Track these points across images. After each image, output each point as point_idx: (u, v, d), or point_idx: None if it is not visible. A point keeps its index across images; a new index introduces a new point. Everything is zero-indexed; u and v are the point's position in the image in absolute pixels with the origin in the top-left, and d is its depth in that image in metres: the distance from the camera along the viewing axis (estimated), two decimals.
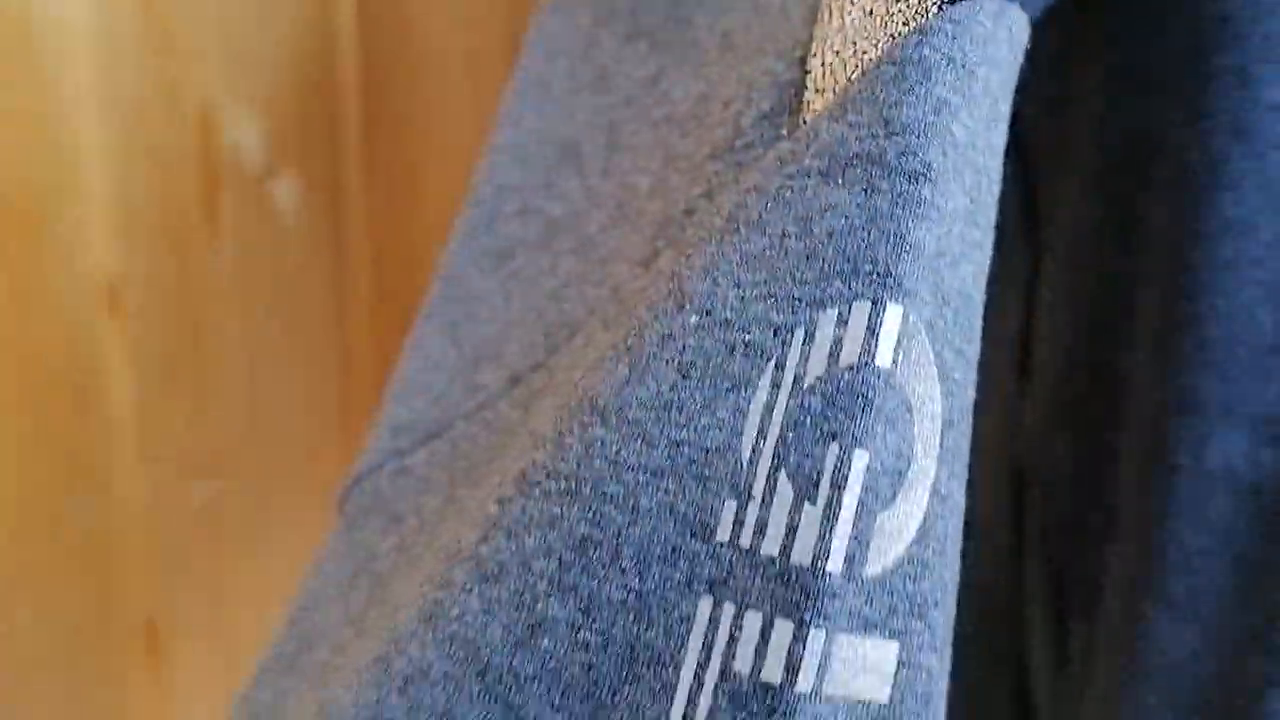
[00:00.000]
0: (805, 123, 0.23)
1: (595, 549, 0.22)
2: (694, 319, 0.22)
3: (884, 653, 0.22)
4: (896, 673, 0.22)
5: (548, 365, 0.29)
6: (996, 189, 0.24)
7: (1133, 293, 0.37)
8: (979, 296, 0.23)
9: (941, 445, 0.22)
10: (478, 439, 0.30)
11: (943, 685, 0.22)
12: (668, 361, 0.22)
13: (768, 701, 0.21)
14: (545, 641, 0.22)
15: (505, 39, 0.55)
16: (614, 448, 0.22)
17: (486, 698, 0.22)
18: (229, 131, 0.48)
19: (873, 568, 0.21)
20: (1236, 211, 0.32)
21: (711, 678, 0.21)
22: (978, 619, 0.43)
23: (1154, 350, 0.36)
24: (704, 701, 0.21)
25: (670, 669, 0.21)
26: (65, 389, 0.47)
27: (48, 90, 0.44)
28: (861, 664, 0.21)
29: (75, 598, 0.49)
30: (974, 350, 0.23)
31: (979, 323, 0.23)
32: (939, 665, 0.22)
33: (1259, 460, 0.33)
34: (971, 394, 0.23)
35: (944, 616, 0.22)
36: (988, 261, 0.24)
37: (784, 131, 0.23)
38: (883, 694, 0.22)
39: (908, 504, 0.22)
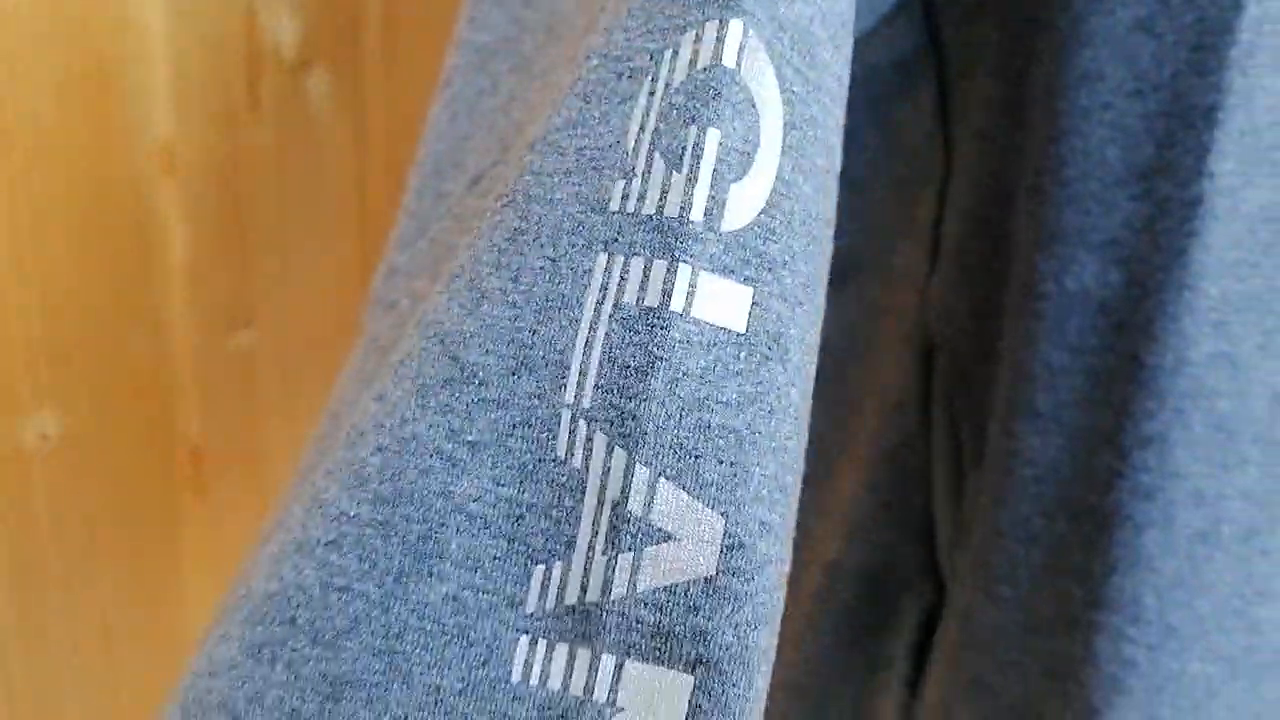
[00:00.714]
0: None
1: (523, 235, 0.28)
2: (594, 61, 0.28)
3: (739, 294, 0.27)
4: (750, 311, 0.27)
5: (504, 159, 0.34)
6: None
7: (1020, 158, 0.42)
8: (820, 34, 0.28)
9: (784, 141, 0.27)
10: (449, 229, 0.36)
11: (794, 332, 0.28)
12: (576, 94, 0.28)
13: (648, 320, 0.26)
14: (484, 306, 0.28)
15: None
16: (538, 162, 0.28)
17: (441, 355, 0.28)
18: (269, 26, 0.54)
19: (728, 224, 0.26)
20: (1091, 64, 0.37)
21: (606, 310, 0.27)
22: (892, 483, 0.48)
23: (1028, 198, 0.40)
24: (600, 329, 0.27)
25: (576, 308, 0.27)
26: (129, 236, 0.53)
27: None
28: (722, 298, 0.26)
29: (132, 423, 0.55)
30: (815, 76, 0.28)
31: (822, 55, 0.28)
32: (788, 313, 0.27)
33: (1108, 280, 0.37)
34: (817, 111, 0.28)
35: (793, 279, 0.27)
36: (830, 11, 0.29)
37: None
38: (739, 324, 0.27)
39: (756, 180, 0.27)
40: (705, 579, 0.26)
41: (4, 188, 0.49)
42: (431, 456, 0.28)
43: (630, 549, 0.26)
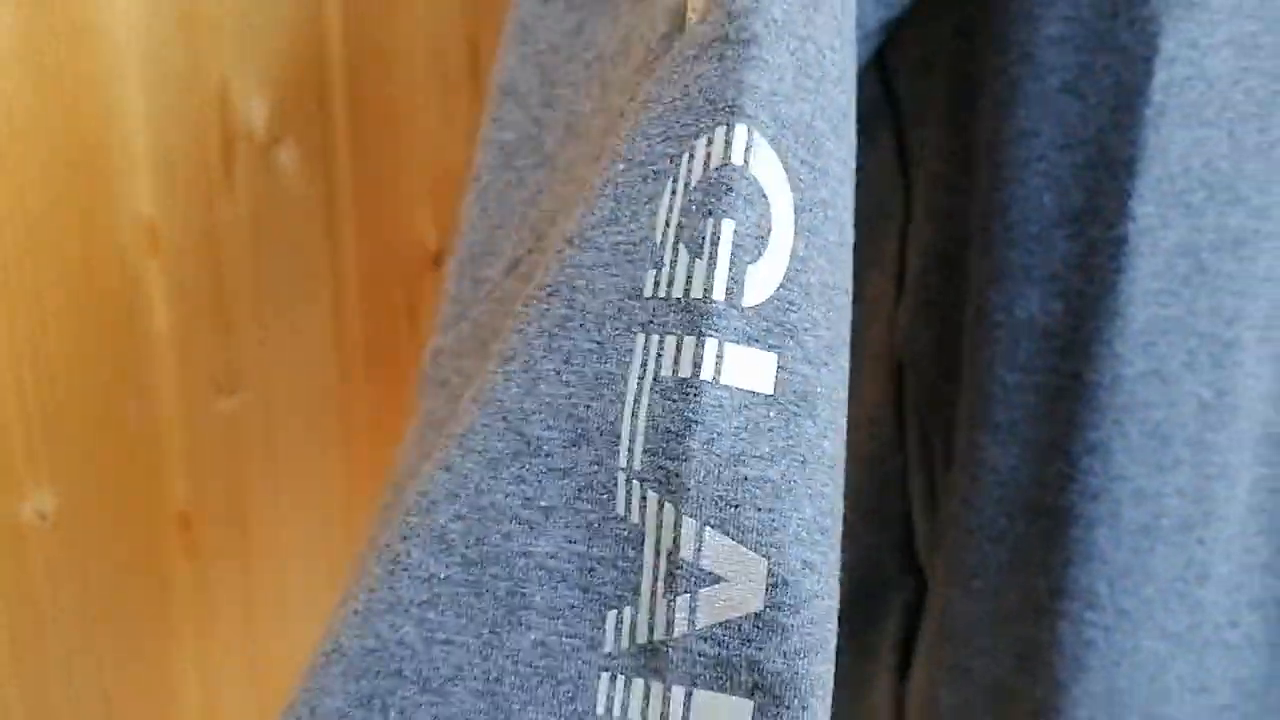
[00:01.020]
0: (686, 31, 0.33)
1: (571, 321, 0.32)
2: (621, 166, 0.32)
3: (765, 361, 0.30)
4: (777, 374, 0.30)
5: (539, 247, 0.39)
6: (827, 55, 0.33)
7: (970, 201, 0.47)
8: (822, 127, 0.33)
9: (797, 223, 0.31)
10: (492, 311, 0.40)
11: (821, 390, 0.31)
12: (608, 195, 0.32)
13: (683, 389, 0.30)
14: (542, 386, 0.32)
15: (462, 39, 0.64)
16: (578, 256, 0.32)
17: (506, 431, 0.32)
18: (241, 104, 0.56)
19: (748, 300, 0.30)
20: (1026, 122, 0.42)
21: (647, 383, 0.31)
22: (874, 491, 0.52)
23: (979, 238, 0.45)
24: (644, 399, 0.31)
25: (621, 383, 0.31)
26: (118, 312, 0.55)
27: (99, 59, 0.52)
28: (748, 365, 0.30)
29: (124, 492, 0.57)
30: (821, 163, 0.32)
31: (825, 145, 0.33)
32: (814, 374, 0.31)
33: (1050, 309, 0.43)
34: (826, 194, 0.32)
35: (816, 343, 0.31)
36: (829, 106, 0.33)
37: (675, 43, 0.33)
38: (767, 387, 0.30)
39: (771, 259, 0.31)
40: (755, 614, 0.30)
41: (10, 266, 0.51)
42: (510, 522, 0.32)
43: (686, 591, 0.30)
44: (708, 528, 0.30)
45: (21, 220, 0.51)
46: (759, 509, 0.30)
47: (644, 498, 0.31)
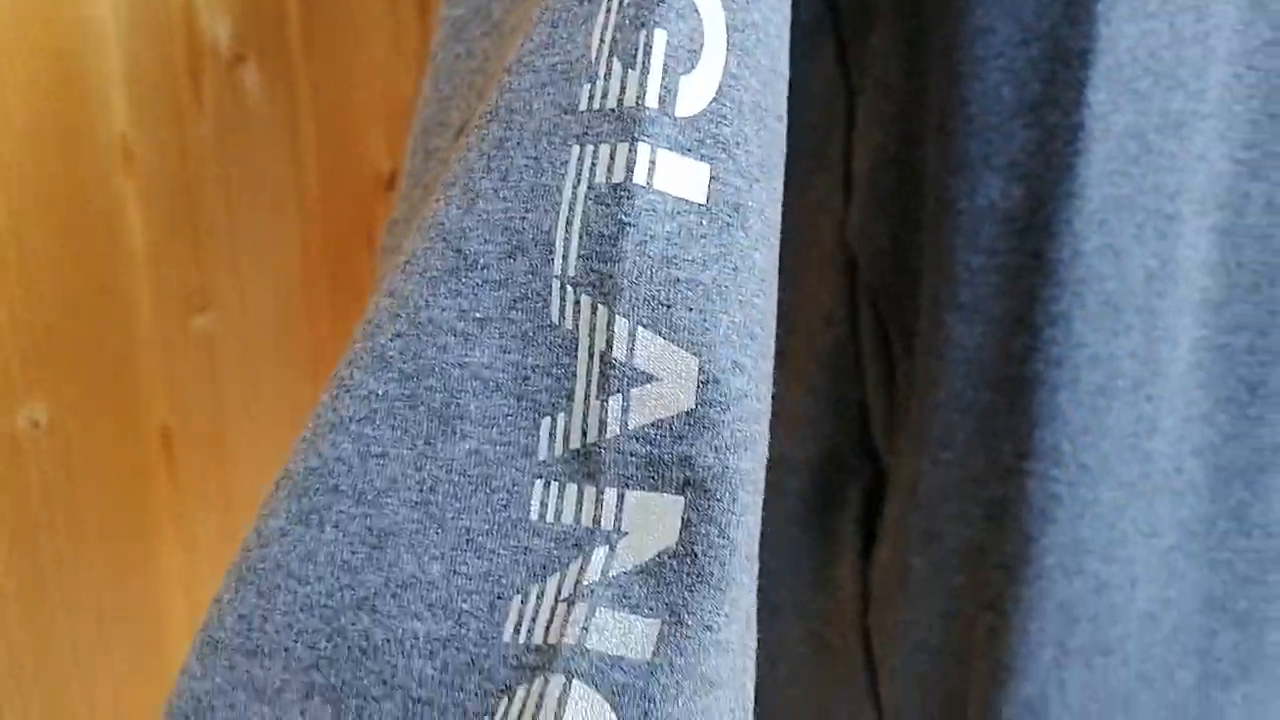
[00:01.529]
0: None
1: (508, 141, 0.33)
2: None
3: (698, 170, 0.31)
4: (709, 184, 0.31)
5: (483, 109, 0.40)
6: None
7: (921, 101, 0.50)
8: None
9: (728, 40, 0.32)
10: (439, 174, 0.40)
11: (753, 204, 0.32)
12: (544, 22, 0.34)
13: (616, 194, 0.31)
14: (480, 204, 0.33)
15: None
16: (515, 81, 0.33)
17: (445, 250, 0.33)
18: (207, 21, 0.56)
19: (681, 110, 0.31)
20: (983, 20, 0.45)
21: (581, 191, 0.32)
22: (831, 384, 0.56)
23: (937, 133, 0.48)
24: (578, 207, 0.32)
25: (556, 194, 0.32)
26: (97, 230, 0.55)
27: None
28: (681, 173, 0.31)
29: (105, 408, 0.58)
30: None
31: None
32: (746, 187, 0.32)
33: (1010, 194, 0.46)
34: (758, 18, 0.33)
35: (748, 159, 0.32)
36: None
37: None
38: (700, 196, 0.31)
39: (704, 72, 0.32)
40: (686, 412, 0.31)
41: None
42: (446, 335, 0.33)
43: (619, 391, 0.31)
44: (640, 327, 0.31)
45: (6, 134, 0.51)
46: (690, 309, 0.31)
47: (578, 302, 0.32)
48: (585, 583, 0.31)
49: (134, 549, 0.60)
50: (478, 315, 0.32)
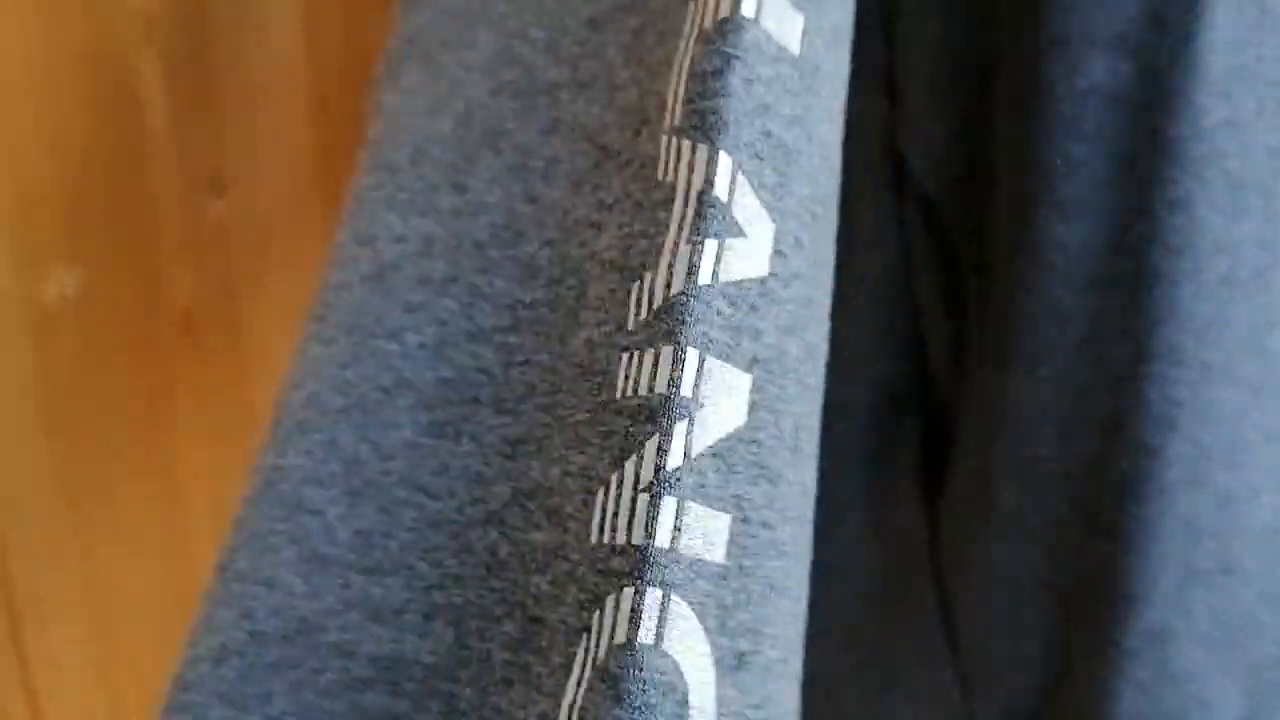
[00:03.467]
0: None
1: (643, 30, 0.32)
2: None
3: (796, 21, 0.30)
4: (803, 37, 0.30)
5: None
6: None
7: None
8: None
9: None
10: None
11: (828, 68, 0.31)
12: None
13: (722, 29, 0.30)
14: (618, 96, 0.32)
15: None
16: None
17: (585, 140, 0.32)
18: None
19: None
20: None
21: (691, 37, 0.30)
22: (878, 316, 0.51)
23: (1018, 12, 0.44)
24: (687, 58, 0.30)
25: (674, 53, 0.31)
26: (120, 102, 0.54)
27: None
28: (782, 17, 0.30)
29: (132, 284, 0.59)
30: None
31: None
32: (824, 50, 0.31)
33: (1118, 72, 0.42)
34: None
35: (826, 15, 0.31)
36: None
37: None
38: (795, 46, 0.30)
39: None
40: (760, 279, 0.29)
41: (18, 53, 0.52)
42: (586, 229, 0.31)
43: (715, 235, 0.29)
44: (739, 172, 0.29)
45: (31, 11, 0.51)
46: (774, 169, 0.30)
47: (679, 149, 0.30)
48: (668, 468, 0.28)
49: (157, 412, 0.60)
50: (608, 202, 0.31)
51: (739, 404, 0.28)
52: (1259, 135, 0.42)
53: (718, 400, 0.28)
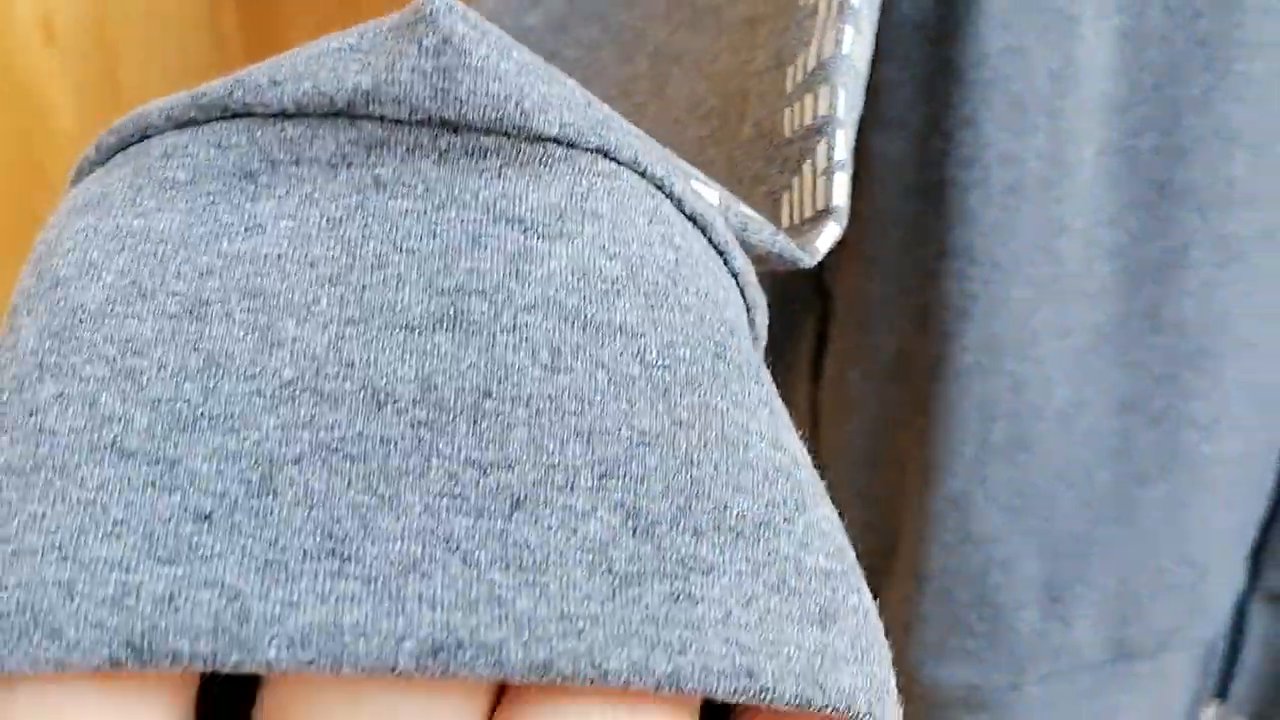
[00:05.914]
0: None
1: None
2: None
3: None
4: None
5: None
6: None
7: None
8: None
9: None
10: None
11: None
12: None
13: None
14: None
15: None
16: None
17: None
18: None
19: None
20: None
21: None
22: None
23: None
24: None
25: None
26: (23, 107, 0.55)
27: None
28: None
29: None
30: None
31: None
32: None
33: (920, 4, 0.48)
34: None
35: None
36: None
37: None
38: None
39: None
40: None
41: None
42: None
43: (850, 21, 0.36)
44: None
45: None
46: None
47: None
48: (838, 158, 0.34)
49: None
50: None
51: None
52: (1041, 60, 0.47)
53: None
